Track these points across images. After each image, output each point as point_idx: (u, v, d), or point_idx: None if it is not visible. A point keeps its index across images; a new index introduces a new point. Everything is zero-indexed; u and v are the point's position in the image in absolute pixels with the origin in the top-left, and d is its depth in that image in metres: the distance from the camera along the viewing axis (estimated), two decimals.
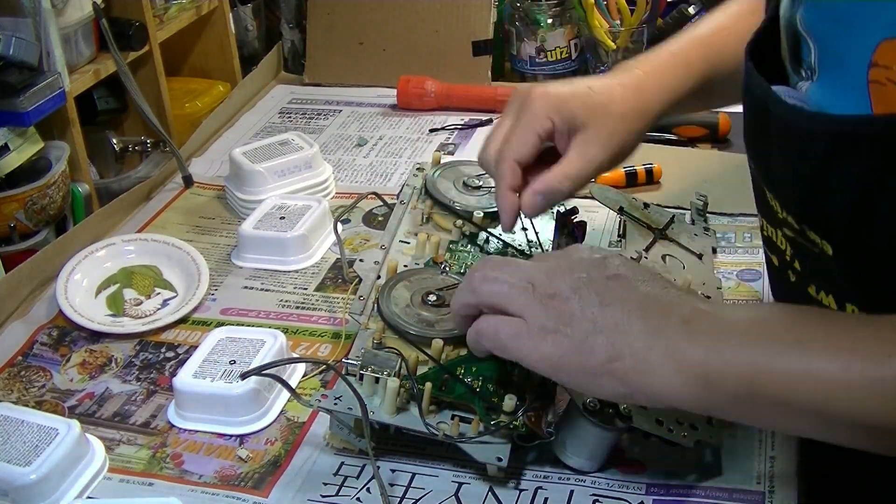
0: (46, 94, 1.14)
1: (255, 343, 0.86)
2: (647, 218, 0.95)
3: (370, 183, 1.21)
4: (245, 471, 0.78)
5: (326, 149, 1.29)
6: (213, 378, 0.82)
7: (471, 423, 0.73)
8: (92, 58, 1.28)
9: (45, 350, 0.94)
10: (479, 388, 0.75)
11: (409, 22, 1.43)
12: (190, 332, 0.95)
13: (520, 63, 1.45)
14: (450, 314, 0.79)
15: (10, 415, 0.78)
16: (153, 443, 0.81)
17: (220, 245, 1.09)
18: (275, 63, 1.55)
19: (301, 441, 0.80)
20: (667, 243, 0.93)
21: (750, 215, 1.06)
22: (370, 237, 1.08)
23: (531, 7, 1.41)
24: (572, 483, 0.74)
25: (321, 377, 0.88)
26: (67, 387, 0.89)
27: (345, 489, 0.75)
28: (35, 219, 1.17)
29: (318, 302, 0.98)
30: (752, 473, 0.74)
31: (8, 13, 1.14)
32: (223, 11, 1.54)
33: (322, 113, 1.41)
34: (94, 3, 1.24)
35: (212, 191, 1.21)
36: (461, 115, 1.36)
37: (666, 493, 0.73)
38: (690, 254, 0.93)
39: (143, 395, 0.87)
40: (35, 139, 1.17)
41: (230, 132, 1.37)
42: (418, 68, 1.41)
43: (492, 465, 0.73)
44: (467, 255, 0.89)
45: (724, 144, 1.23)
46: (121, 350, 0.93)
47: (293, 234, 1.03)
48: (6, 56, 1.11)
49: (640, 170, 1.13)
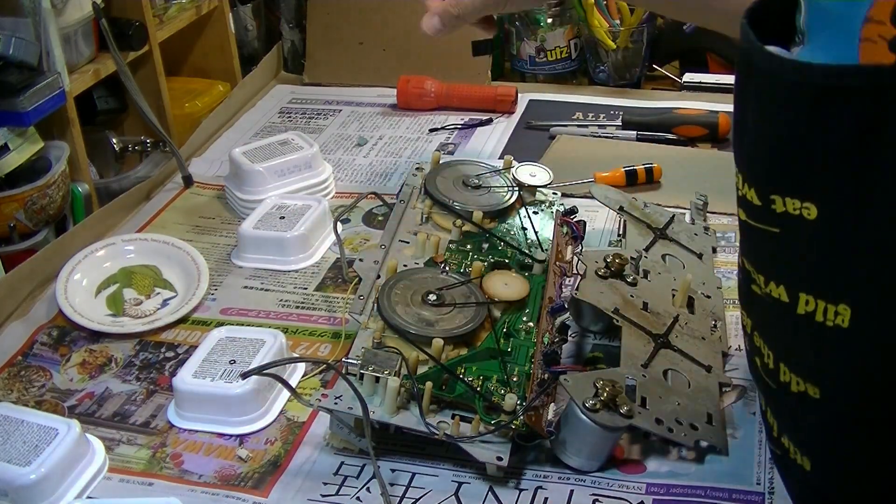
0: (46, 93, 1.14)
1: (254, 343, 0.86)
2: (647, 217, 0.95)
3: (370, 183, 1.21)
4: (245, 471, 0.78)
5: (326, 149, 1.29)
6: (213, 378, 0.82)
7: (471, 423, 0.73)
8: (92, 58, 1.28)
9: (45, 350, 0.94)
10: (480, 388, 0.75)
11: (409, 22, 1.43)
12: (190, 331, 0.95)
13: (520, 63, 1.45)
14: (450, 314, 0.79)
15: (10, 415, 0.78)
16: (153, 443, 0.81)
17: (220, 245, 1.09)
18: (275, 63, 1.55)
19: (301, 441, 0.80)
20: (667, 243, 0.93)
21: None
22: (370, 237, 1.08)
23: None
24: (572, 483, 0.74)
25: (321, 377, 0.88)
26: (67, 387, 0.89)
27: (345, 489, 0.75)
28: (35, 219, 1.17)
29: (318, 302, 0.98)
30: (751, 473, 0.74)
31: (8, 13, 1.14)
32: (223, 11, 1.54)
33: (322, 113, 1.41)
34: (93, 3, 1.24)
35: (212, 191, 1.21)
36: (461, 114, 1.36)
37: (666, 493, 0.73)
38: (690, 253, 0.93)
39: (142, 394, 0.87)
40: (35, 139, 1.17)
41: (230, 132, 1.37)
42: (418, 68, 1.41)
43: (492, 464, 0.73)
44: (467, 255, 0.89)
45: (724, 144, 1.23)
46: (121, 350, 0.93)
47: (293, 234, 1.03)
48: (6, 56, 1.11)
49: (640, 170, 1.13)
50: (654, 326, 0.81)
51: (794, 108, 0.57)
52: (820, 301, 0.59)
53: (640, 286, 0.86)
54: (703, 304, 0.88)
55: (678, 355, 0.80)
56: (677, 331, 0.82)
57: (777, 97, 0.59)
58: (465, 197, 0.94)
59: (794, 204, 0.59)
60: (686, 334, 0.83)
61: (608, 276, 0.85)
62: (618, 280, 0.85)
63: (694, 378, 0.78)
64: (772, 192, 0.60)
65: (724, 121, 1.24)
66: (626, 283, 0.85)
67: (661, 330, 0.81)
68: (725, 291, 0.93)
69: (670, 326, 0.82)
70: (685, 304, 0.86)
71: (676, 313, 0.84)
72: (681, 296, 0.86)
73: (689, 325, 0.84)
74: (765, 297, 0.63)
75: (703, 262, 0.93)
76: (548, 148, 1.24)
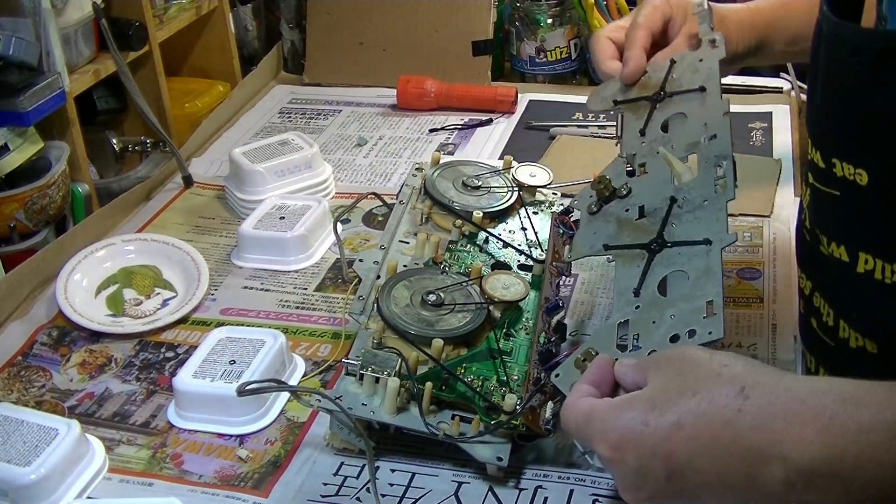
0: (46, 94, 1.14)
1: (254, 343, 0.86)
2: (646, 87, 0.89)
3: (370, 183, 1.21)
4: (245, 471, 0.78)
5: (326, 149, 1.29)
6: (213, 378, 0.82)
7: (471, 423, 0.73)
8: (92, 58, 1.28)
9: (45, 350, 0.94)
10: (479, 388, 0.75)
11: (409, 22, 1.43)
12: (190, 332, 0.95)
13: (520, 63, 1.45)
14: (449, 314, 0.79)
15: (10, 415, 0.78)
16: (153, 443, 0.81)
17: (220, 245, 1.09)
18: (275, 63, 1.55)
19: (301, 441, 0.80)
20: (667, 102, 0.87)
21: (750, 215, 1.06)
22: (370, 237, 1.08)
23: (531, 7, 1.41)
24: (572, 483, 0.74)
25: (321, 377, 0.88)
26: (67, 387, 0.89)
27: (345, 489, 0.75)
28: (35, 219, 1.17)
29: (318, 302, 0.98)
30: None
31: (8, 13, 1.14)
32: (223, 11, 1.54)
33: (322, 113, 1.41)
34: (94, 3, 1.24)
35: (212, 191, 1.21)
36: (461, 115, 1.36)
37: None
38: (692, 93, 0.86)
39: (142, 395, 0.87)
40: (35, 139, 1.17)
41: (230, 132, 1.37)
42: (418, 68, 1.41)
43: (492, 464, 0.73)
44: (467, 255, 0.89)
45: None
46: (121, 350, 0.93)
47: (293, 234, 1.03)
48: (6, 56, 1.11)
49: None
50: (649, 232, 0.77)
51: (853, 69, 0.61)
52: (878, 259, 0.62)
53: (635, 191, 0.81)
54: (706, 152, 0.81)
55: (674, 250, 0.75)
56: (674, 216, 0.77)
57: (840, 60, 0.63)
58: (464, 197, 0.94)
59: (849, 169, 0.63)
60: (686, 212, 0.77)
61: (600, 208, 0.82)
62: (611, 202, 0.82)
63: (692, 266, 0.72)
64: (833, 155, 0.64)
65: None
66: (621, 198, 0.82)
67: (655, 231, 0.76)
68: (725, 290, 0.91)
69: (664, 220, 0.76)
70: (684, 176, 0.80)
71: (670, 197, 0.78)
72: (679, 169, 0.80)
73: (688, 197, 0.78)
74: (828, 256, 0.66)
75: (708, 93, 0.85)
76: (548, 148, 1.24)
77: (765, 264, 0.98)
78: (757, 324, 0.90)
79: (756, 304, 0.93)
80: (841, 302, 0.68)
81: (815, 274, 0.71)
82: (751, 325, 0.90)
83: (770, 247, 1.01)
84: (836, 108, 0.64)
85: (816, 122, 0.69)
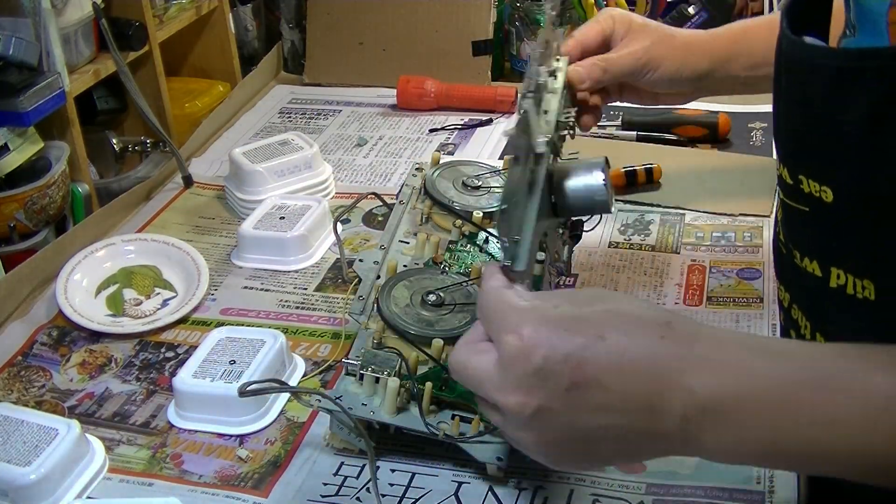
0: (46, 94, 1.14)
1: (254, 343, 0.86)
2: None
3: (370, 183, 1.21)
4: (245, 471, 0.78)
5: (326, 149, 1.29)
6: (213, 378, 0.82)
7: (471, 423, 0.73)
8: (92, 58, 1.28)
9: (45, 350, 0.94)
10: None
11: (409, 22, 1.43)
12: (190, 332, 0.95)
13: (520, 63, 1.45)
14: (449, 314, 0.79)
15: (10, 415, 0.78)
16: (153, 443, 0.81)
17: (220, 245, 1.09)
18: (275, 63, 1.55)
19: (301, 441, 0.80)
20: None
21: (750, 215, 1.06)
22: (370, 237, 1.08)
23: (531, 7, 1.41)
24: (572, 483, 0.74)
25: (321, 377, 0.88)
26: (67, 387, 0.89)
27: (345, 489, 0.75)
28: (35, 219, 1.16)
29: (318, 302, 0.98)
30: (752, 473, 0.74)
31: (8, 13, 1.14)
32: (223, 11, 1.54)
33: (322, 113, 1.41)
34: (94, 3, 1.23)
35: (212, 191, 1.21)
36: (461, 115, 1.36)
37: (666, 493, 0.73)
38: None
39: (142, 395, 0.87)
40: (35, 139, 1.17)
41: (230, 132, 1.37)
42: (418, 68, 1.41)
43: (492, 464, 0.73)
44: (467, 255, 0.89)
45: (724, 144, 1.23)
46: (121, 350, 0.93)
47: (293, 234, 1.03)
48: (6, 56, 1.11)
49: (640, 170, 1.13)
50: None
51: (812, 88, 0.61)
52: (849, 275, 0.62)
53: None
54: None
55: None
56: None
57: (800, 78, 0.63)
58: (464, 197, 0.94)
59: (815, 186, 0.63)
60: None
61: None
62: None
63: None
64: (800, 171, 0.64)
65: (724, 121, 1.24)
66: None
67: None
68: (726, 290, 0.93)
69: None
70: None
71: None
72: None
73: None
74: (803, 270, 0.66)
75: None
76: None
77: (765, 264, 0.98)
78: (757, 324, 0.90)
79: (756, 304, 0.93)
80: (817, 315, 0.68)
81: (791, 287, 0.71)
82: (751, 325, 0.90)
83: (770, 247, 1.01)
84: (798, 126, 0.64)
85: (781, 139, 0.69)
